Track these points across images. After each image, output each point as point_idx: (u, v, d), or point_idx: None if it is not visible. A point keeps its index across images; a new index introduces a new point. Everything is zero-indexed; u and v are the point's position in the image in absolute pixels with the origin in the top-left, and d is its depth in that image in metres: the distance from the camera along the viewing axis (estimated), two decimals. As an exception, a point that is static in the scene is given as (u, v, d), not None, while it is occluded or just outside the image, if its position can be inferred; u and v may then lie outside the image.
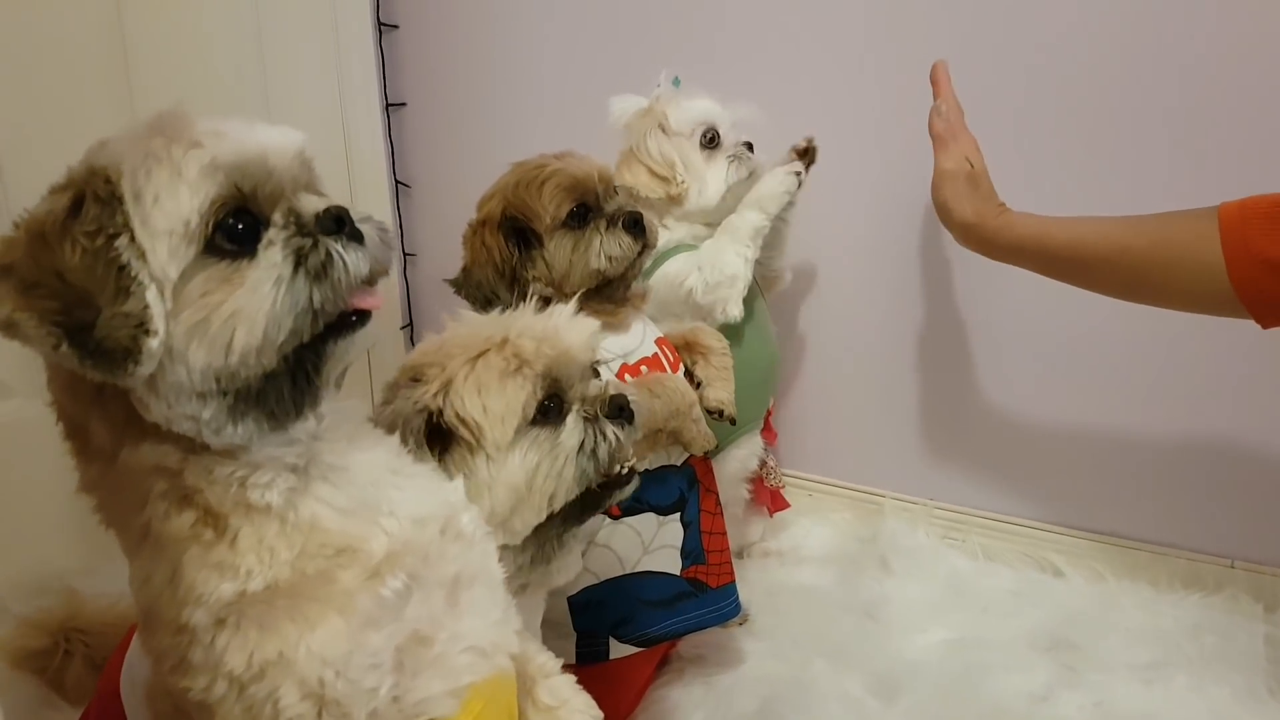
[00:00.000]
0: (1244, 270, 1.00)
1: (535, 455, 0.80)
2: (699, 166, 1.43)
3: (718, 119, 1.44)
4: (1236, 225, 1.01)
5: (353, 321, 0.62)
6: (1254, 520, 1.47)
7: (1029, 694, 1.27)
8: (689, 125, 1.42)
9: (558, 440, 0.81)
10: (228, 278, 0.57)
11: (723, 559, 1.25)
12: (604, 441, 0.82)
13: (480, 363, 0.80)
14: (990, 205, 1.23)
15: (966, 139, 1.27)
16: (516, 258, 1.16)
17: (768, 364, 1.53)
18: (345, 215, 0.61)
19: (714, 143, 1.43)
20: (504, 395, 0.79)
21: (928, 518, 1.66)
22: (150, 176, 0.56)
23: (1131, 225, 1.12)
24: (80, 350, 0.54)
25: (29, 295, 0.54)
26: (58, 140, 0.60)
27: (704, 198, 1.43)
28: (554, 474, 0.80)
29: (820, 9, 1.56)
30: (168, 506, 0.61)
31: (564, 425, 0.82)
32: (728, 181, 1.43)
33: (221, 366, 0.57)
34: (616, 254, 1.15)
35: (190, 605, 0.60)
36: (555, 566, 0.88)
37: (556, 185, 1.14)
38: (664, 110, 1.43)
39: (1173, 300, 1.12)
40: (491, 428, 0.78)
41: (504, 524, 0.80)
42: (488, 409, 0.78)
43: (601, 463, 0.82)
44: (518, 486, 0.79)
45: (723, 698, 1.27)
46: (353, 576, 0.62)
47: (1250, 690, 1.26)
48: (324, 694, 0.60)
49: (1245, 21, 1.31)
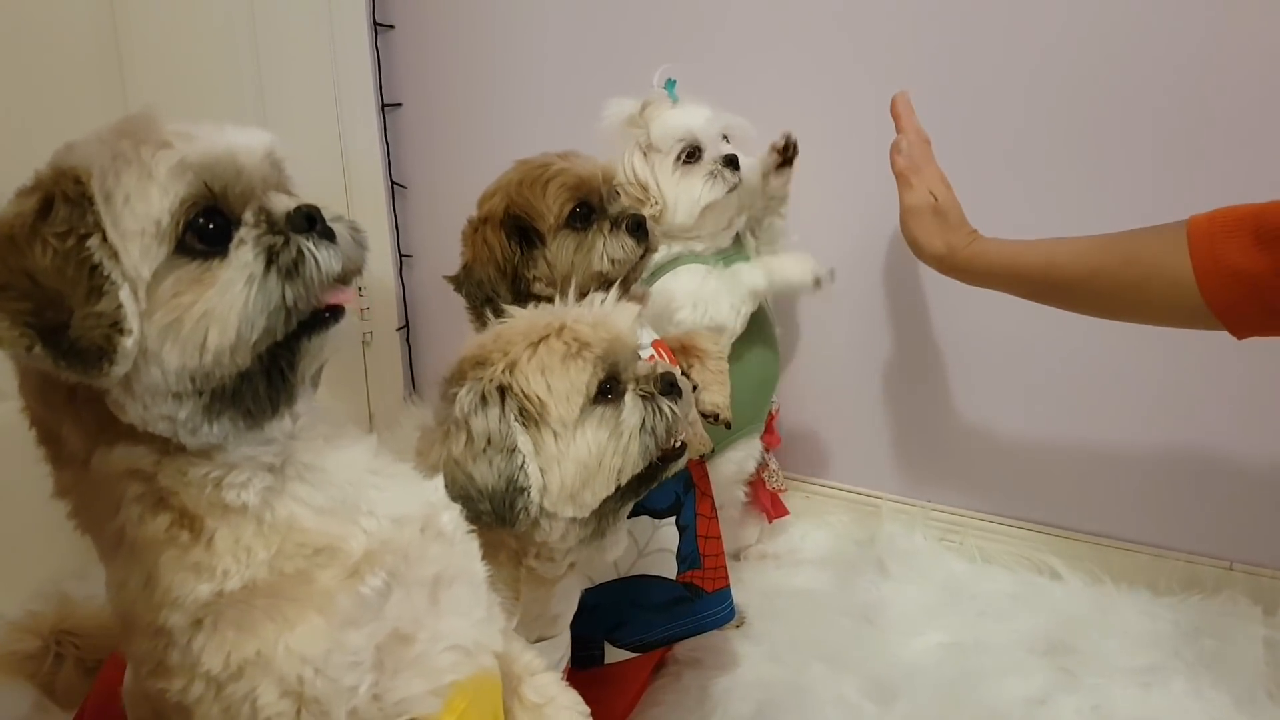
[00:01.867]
0: (1214, 282, 1.00)
1: (602, 433, 0.85)
2: (671, 188, 1.41)
3: (700, 133, 1.41)
4: (1205, 238, 1.01)
5: (326, 318, 0.62)
6: (1252, 522, 1.46)
7: (1026, 698, 1.27)
8: (669, 141, 1.40)
9: (620, 418, 0.86)
10: (199, 278, 0.57)
11: (718, 563, 1.25)
12: (661, 417, 0.87)
13: (542, 346, 0.85)
14: (960, 235, 1.24)
15: (930, 171, 1.27)
16: (518, 256, 1.15)
17: (768, 371, 1.53)
18: (316, 214, 0.61)
19: (694, 157, 1.41)
20: (567, 375, 0.84)
21: (925, 520, 1.66)
22: (120, 177, 0.56)
23: (1103, 244, 1.12)
24: (54, 351, 0.54)
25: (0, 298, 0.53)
26: (51, 144, 0.60)
27: (677, 219, 1.41)
28: (620, 450, 0.85)
29: (820, 9, 1.55)
30: (142, 510, 0.60)
31: (624, 404, 0.87)
32: (702, 201, 1.40)
33: (196, 366, 0.57)
34: (619, 256, 1.15)
35: (167, 608, 0.59)
36: (608, 541, 0.92)
37: (561, 185, 1.14)
38: (647, 123, 1.41)
39: (1149, 316, 1.12)
40: (556, 405, 0.84)
41: (574, 497, 0.85)
42: (552, 388, 0.84)
43: (660, 438, 0.87)
44: (587, 462, 0.84)
45: (719, 701, 1.27)
46: (331, 576, 0.62)
47: (1249, 693, 1.25)
48: (303, 692, 0.60)
49: (1235, 34, 1.31)
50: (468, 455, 0.82)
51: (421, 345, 2.06)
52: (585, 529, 0.88)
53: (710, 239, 1.45)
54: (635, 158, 1.41)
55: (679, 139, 1.40)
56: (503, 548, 0.87)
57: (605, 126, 1.43)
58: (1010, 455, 1.62)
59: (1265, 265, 0.96)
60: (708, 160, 1.41)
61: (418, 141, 1.93)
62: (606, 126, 1.43)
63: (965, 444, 1.65)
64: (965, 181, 1.28)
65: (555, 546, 0.88)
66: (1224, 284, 0.99)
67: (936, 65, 1.49)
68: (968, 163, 1.47)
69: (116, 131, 0.58)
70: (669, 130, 1.40)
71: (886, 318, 1.65)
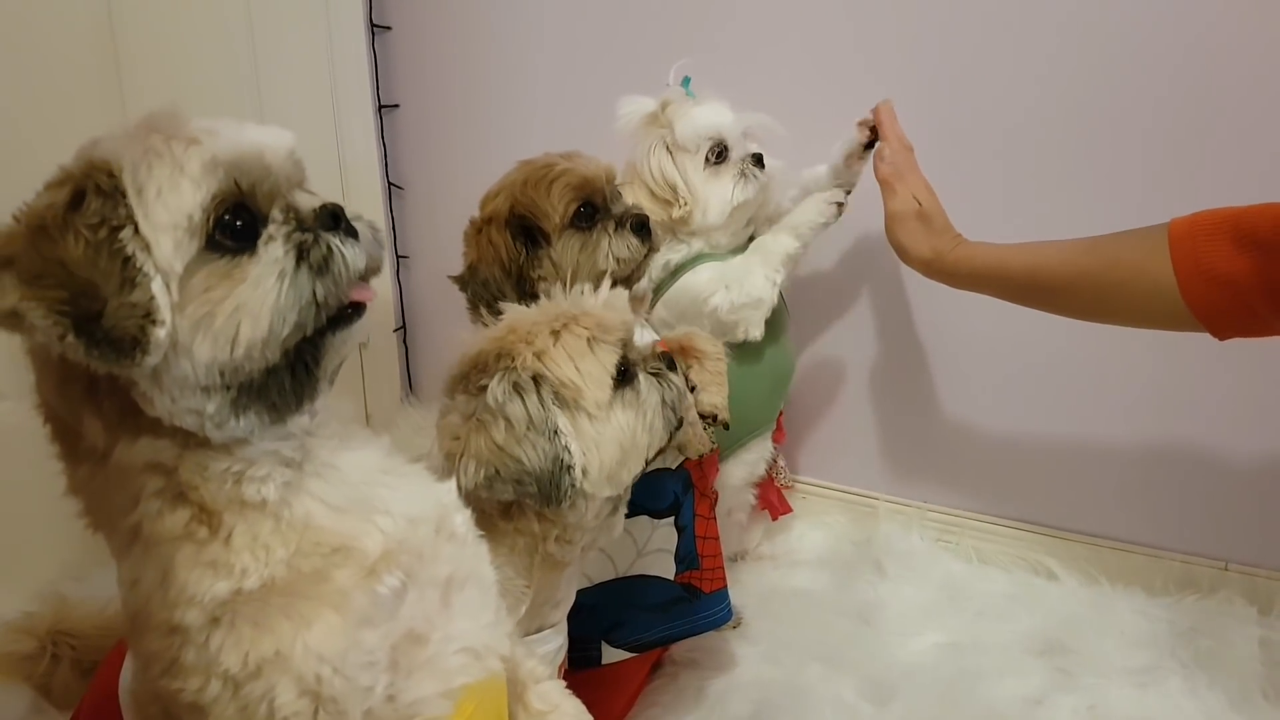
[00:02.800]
0: (1194, 285, 1.01)
1: (629, 413, 0.89)
2: (701, 188, 1.39)
3: (727, 131, 1.39)
4: (1186, 241, 1.02)
5: (350, 314, 0.63)
6: (1248, 522, 1.47)
7: (1023, 698, 1.27)
8: (695, 141, 1.37)
9: (640, 398, 0.90)
10: (228, 273, 0.58)
11: (716, 564, 1.25)
12: (674, 390, 0.92)
13: (565, 334, 0.88)
14: (945, 239, 1.25)
15: (914, 179, 1.28)
16: (523, 256, 1.15)
17: (783, 374, 1.52)
18: (341, 212, 0.63)
19: (722, 157, 1.39)
20: (596, 360, 0.87)
21: (922, 521, 1.66)
22: (152, 171, 0.56)
23: (1087, 248, 1.12)
24: (87, 340, 0.54)
25: (34, 285, 0.53)
26: (48, 144, 0.60)
27: (708, 219, 1.39)
28: (647, 427, 0.90)
29: (818, 10, 1.56)
30: (161, 505, 0.60)
31: (639, 383, 0.90)
32: (733, 201, 1.39)
33: (226, 360, 0.57)
34: (624, 256, 1.15)
35: (183, 605, 0.59)
36: (618, 517, 0.96)
37: (565, 184, 1.14)
38: (670, 121, 1.38)
39: (1132, 319, 1.13)
40: (590, 389, 0.86)
41: (612, 476, 0.88)
42: (583, 372, 0.86)
43: (677, 411, 0.93)
44: (624, 442, 0.88)
45: (716, 702, 1.27)
46: (348, 575, 0.62)
47: (1244, 694, 1.26)
48: (321, 691, 0.60)
49: (1233, 36, 1.31)
50: (511, 440, 0.83)
51: (418, 346, 2.06)
52: (606, 505, 0.91)
53: (732, 237, 1.44)
54: (662, 157, 1.38)
55: (707, 137, 1.38)
56: (520, 535, 0.88)
57: (621, 125, 1.40)
58: (1007, 456, 1.62)
59: (1244, 268, 0.97)
60: (735, 159, 1.39)
61: (415, 143, 1.93)
62: (622, 125, 1.40)
63: (962, 445, 1.65)
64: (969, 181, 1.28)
65: (584, 526, 0.90)
66: (1204, 287, 1.00)
67: (934, 67, 1.49)
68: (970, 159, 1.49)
69: (145, 127, 0.58)
70: (697, 129, 1.37)
71: (883, 318, 1.65)
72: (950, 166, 1.40)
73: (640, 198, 1.38)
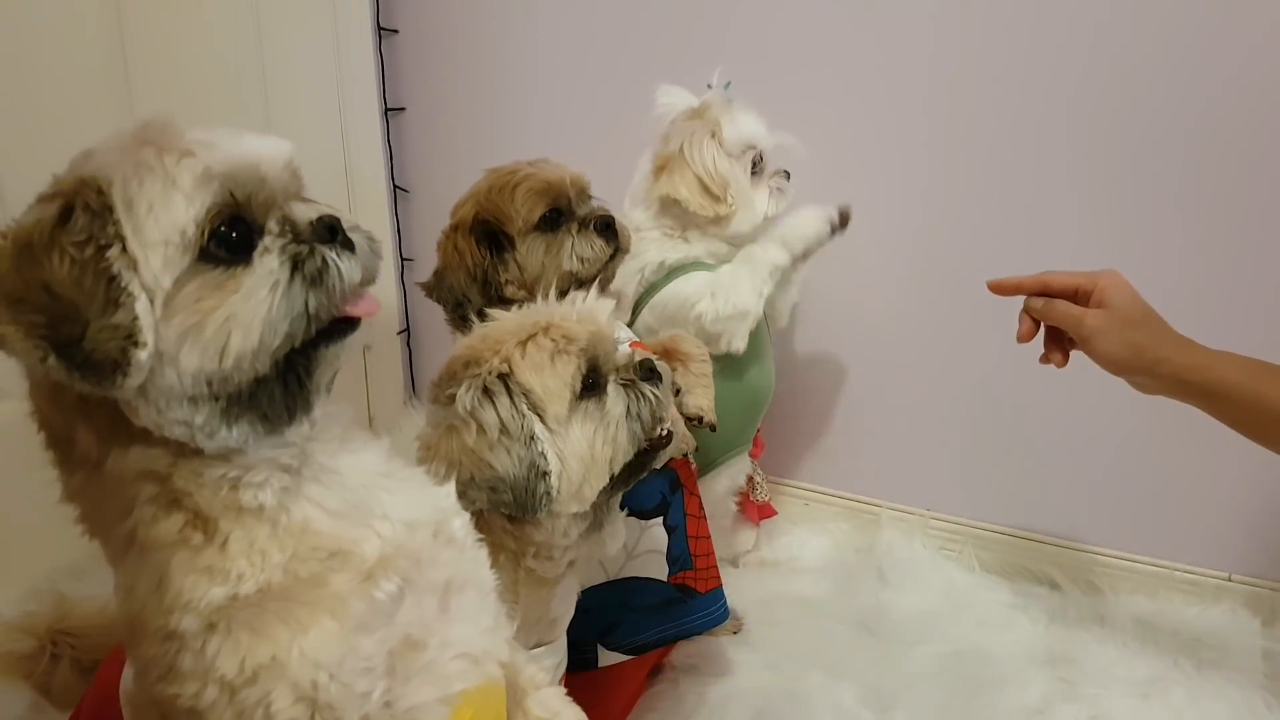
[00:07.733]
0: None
1: (590, 425, 0.86)
2: (749, 193, 1.38)
3: (764, 143, 1.39)
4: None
5: (343, 327, 0.62)
6: (1251, 534, 1.46)
7: (1025, 708, 1.26)
8: (739, 145, 1.37)
9: (605, 409, 0.87)
10: (221, 284, 0.57)
11: (709, 564, 1.25)
12: (645, 402, 0.89)
13: (531, 344, 0.86)
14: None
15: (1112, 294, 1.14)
16: (488, 260, 1.17)
17: (762, 394, 1.52)
18: (338, 224, 0.62)
19: (757, 168, 1.39)
20: (556, 372, 0.85)
21: (924, 529, 1.66)
22: (143, 186, 0.56)
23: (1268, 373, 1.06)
24: (68, 363, 0.54)
25: (14, 310, 0.53)
26: (57, 149, 0.60)
27: (743, 225, 1.38)
28: (609, 439, 0.87)
29: (817, 10, 1.56)
30: (155, 511, 0.60)
31: (607, 395, 0.88)
32: (766, 214, 1.39)
33: (214, 370, 0.57)
34: (588, 255, 1.17)
35: (178, 611, 0.59)
36: (606, 532, 0.94)
37: (529, 189, 1.16)
38: (718, 121, 1.37)
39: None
40: (550, 402, 0.85)
41: (577, 493, 0.86)
42: (545, 385, 0.85)
43: (646, 422, 0.89)
44: (584, 456, 0.85)
45: (716, 708, 1.27)
46: (345, 580, 0.62)
47: (1247, 704, 1.26)
48: (317, 697, 0.59)
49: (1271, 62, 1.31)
50: (483, 445, 0.82)
51: (422, 349, 2.06)
52: (583, 523, 0.89)
53: (730, 249, 1.43)
54: (716, 153, 1.36)
55: (750, 146, 1.38)
56: (501, 550, 0.87)
57: (660, 113, 1.40)
58: (1010, 465, 1.62)
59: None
60: (768, 172, 1.40)
61: (420, 146, 1.93)
62: (662, 113, 1.40)
63: (965, 453, 1.65)
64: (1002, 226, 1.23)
65: (555, 544, 0.89)
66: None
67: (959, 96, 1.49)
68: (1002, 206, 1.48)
69: (137, 139, 0.58)
70: (743, 136, 1.37)
71: (886, 325, 1.65)
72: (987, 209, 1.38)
73: (689, 188, 1.36)
